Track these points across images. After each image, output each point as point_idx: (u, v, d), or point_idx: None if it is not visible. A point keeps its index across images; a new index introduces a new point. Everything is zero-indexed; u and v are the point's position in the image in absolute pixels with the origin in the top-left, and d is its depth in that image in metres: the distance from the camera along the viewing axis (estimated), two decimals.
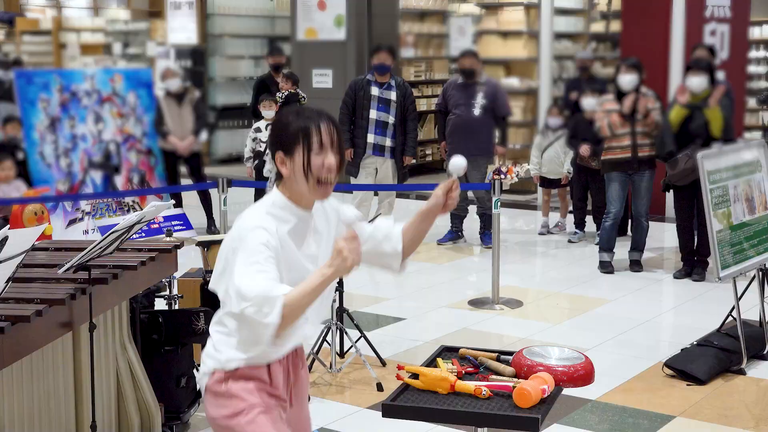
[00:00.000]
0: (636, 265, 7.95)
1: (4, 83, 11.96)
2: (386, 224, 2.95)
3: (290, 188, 2.73)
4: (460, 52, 9.28)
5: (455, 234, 9.11)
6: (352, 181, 8.68)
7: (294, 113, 2.72)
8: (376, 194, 9.03)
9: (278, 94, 9.38)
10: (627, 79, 7.60)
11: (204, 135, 9.61)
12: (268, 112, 8.93)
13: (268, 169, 7.38)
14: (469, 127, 8.65)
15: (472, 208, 9.26)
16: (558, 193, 9.55)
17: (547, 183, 9.42)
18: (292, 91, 9.62)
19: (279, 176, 2.78)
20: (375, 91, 8.55)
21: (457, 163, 2.95)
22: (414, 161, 9.02)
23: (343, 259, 2.49)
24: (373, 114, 8.53)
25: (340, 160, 2.72)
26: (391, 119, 8.55)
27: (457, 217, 9.07)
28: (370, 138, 8.54)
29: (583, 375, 3.13)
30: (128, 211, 8.36)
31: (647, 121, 7.56)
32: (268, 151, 8.94)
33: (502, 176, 7.31)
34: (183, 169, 9.73)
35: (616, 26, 12.42)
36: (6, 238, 2.96)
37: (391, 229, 2.92)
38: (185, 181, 9.91)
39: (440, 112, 9.02)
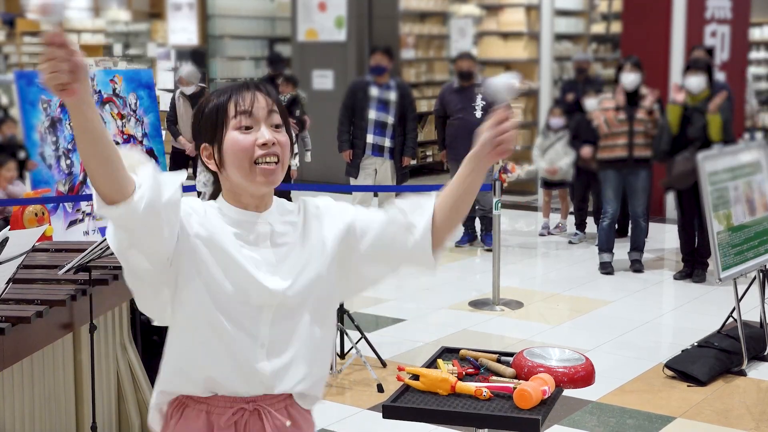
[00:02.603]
0: (637, 265, 7.95)
1: None
2: (405, 210, 2.16)
3: (227, 188, 2.12)
4: (457, 55, 9.27)
5: (471, 235, 9.08)
6: (352, 182, 8.68)
7: (217, 91, 2.15)
8: (375, 195, 9.03)
9: (280, 97, 9.38)
10: (630, 78, 7.60)
11: None
12: None
13: (203, 183, 5.44)
14: (472, 130, 8.59)
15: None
16: (559, 194, 9.55)
17: (549, 184, 9.41)
18: (293, 93, 9.65)
19: (215, 186, 2.18)
20: (374, 92, 8.55)
21: (500, 82, 2.06)
22: (413, 162, 9.01)
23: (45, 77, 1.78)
24: (372, 115, 8.53)
25: (284, 134, 2.09)
26: (390, 120, 8.55)
27: (468, 218, 9.04)
28: (370, 138, 8.54)
29: (584, 376, 3.13)
30: None
31: (652, 118, 7.56)
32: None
33: (508, 174, 7.31)
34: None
35: (616, 27, 12.43)
36: (6, 239, 2.96)
37: (415, 216, 2.15)
38: (188, 183, 9.92)
39: (439, 117, 8.99)
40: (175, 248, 2.00)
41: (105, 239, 3.63)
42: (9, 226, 6.44)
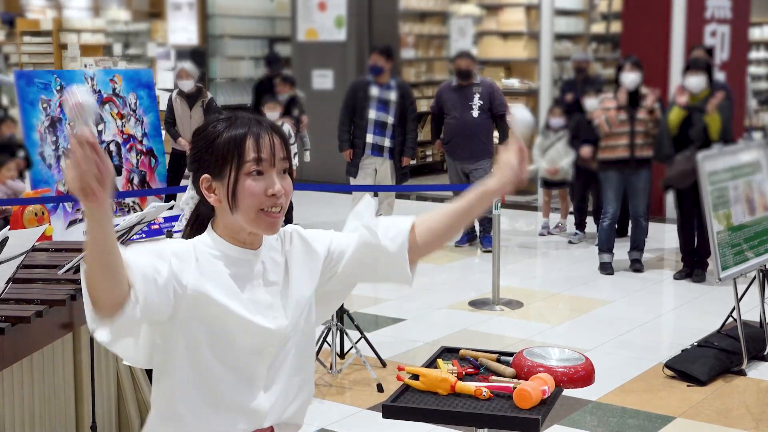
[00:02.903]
0: (637, 264, 7.95)
1: None
2: (385, 226, 2.16)
3: (224, 223, 2.06)
4: (455, 53, 9.27)
5: (471, 235, 9.08)
6: (352, 181, 8.68)
7: (225, 120, 2.05)
8: (375, 195, 9.03)
9: (278, 97, 9.40)
10: (631, 78, 7.60)
11: None
12: (272, 113, 8.95)
13: (185, 200, 5.19)
14: (468, 129, 8.62)
15: None
16: (559, 194, 9.55)
17: (548, 184, 9.41)
18: (291, 93, 9.66)
19: (204, 210, 2.12)
20: (375, 91, 8.55)
21: (524, 117, 2.15)
22: (413, 161, 9.01)
23: (71, 179, 1.69)
24: (373, 114, 8.53)
25: (288, 180, 2.07)
26: (390, 120, 8.55)
27: None
28: (369, 138, 8.54)
29: (584, 376, 3.13)
30: (128, 212, 8.36)
31: (653, 118, 7.57)
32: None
33: None
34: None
35: (616, 27, 12.43)
36: (6, 239, 2.96)
37: (389, 236, 2.15)
38: (185, 182, 9.92)
39: (434, 115, 8.98)
40: (173, 307, 1.96)
41: None
42: (9, 226, 6.43)
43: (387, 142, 8.57)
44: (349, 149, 8.61)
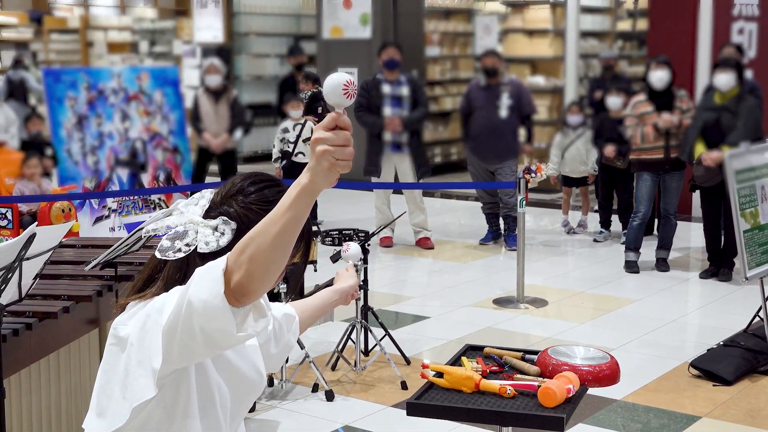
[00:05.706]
0: (663, 264, 7.90)
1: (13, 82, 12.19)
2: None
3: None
4: (482, 52, 9.27)
5: (496, 233, 9.06)
6: (374, 180, 8.67)
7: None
8: (394, 192, 9.03)
9: (301, 95, 9.42)
10: (658, 76, 7.55)
11: (239, 134, 9.65)
12: (295, 112, 8.95)
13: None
14: (495, 128, 8.60)
15: None
16: (580, 191, 9.49)
17: (570, 182, 9.36)
18: (314, 90, 9.67)
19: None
20: (387, 88, 8.55)
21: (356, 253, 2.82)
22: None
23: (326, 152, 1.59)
24: (389, 111, 8.53)
25: None
26: (406, 115, 8.55)
27: (494, 215, 9.02)
28: (388, 136, 8.54)
29: (609, 375, 3.12)
30: (154, 208, 8.40)
31: (681, 127, 7.53)
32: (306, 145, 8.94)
33: (532, 174, 7.29)
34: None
35: (642, 24, 12.36)
36: (34, 235, 2.99)
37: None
38: (210, 179, 9.96)
39: (464, 114, 8.96)
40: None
41: (131, 235, 3.65)
42: (36, 222, 6.49)
43: (405, 138, 8.56)
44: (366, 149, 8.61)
